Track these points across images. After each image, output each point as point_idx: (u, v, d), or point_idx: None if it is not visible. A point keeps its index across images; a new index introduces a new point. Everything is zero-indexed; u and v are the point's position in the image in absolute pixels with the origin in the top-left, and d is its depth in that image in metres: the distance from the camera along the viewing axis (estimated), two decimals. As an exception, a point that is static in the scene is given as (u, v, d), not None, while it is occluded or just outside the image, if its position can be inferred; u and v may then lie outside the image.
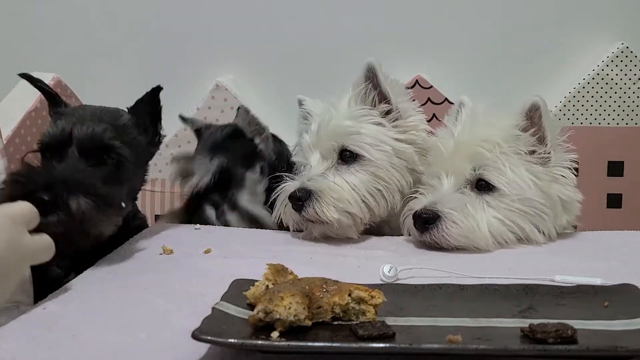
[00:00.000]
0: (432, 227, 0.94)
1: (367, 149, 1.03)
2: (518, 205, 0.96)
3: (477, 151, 0.98)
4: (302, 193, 0.99)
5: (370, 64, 1.05)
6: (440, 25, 1.72)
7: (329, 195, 0.99)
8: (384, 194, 1.03)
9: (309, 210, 0.99)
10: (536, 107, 0.98)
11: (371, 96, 1.06)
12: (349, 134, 1.03)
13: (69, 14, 1.77)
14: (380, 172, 1.03)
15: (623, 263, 0.86)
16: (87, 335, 0.61)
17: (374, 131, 1.04)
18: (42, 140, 0.92)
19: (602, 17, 1.70)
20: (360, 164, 1.03)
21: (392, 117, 1.06)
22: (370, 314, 0.59)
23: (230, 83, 1.70)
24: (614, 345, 0.52)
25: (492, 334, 0.57)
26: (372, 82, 1.06)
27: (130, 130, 0.98)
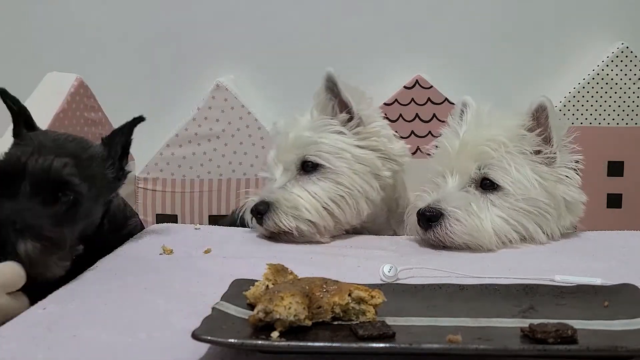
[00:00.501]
0: (436, 225, 0.94)
1: (327, 157, 1.04)
2: (522, 205, 0.96)
3: (482, 150, 0.98)
4: (262, 206, 1.01)
5: (329, 74, 1.07)
6: (441, 26, 1.72)
7: (284, 205, 1.00)
8: (347, 201, 1.04)
9: (269, 222, 1.01)
10: (543, 108, 0.98)
11: (329, 106, 1.08)
12: (309, 144, 1.05)
13: (69, 14, 1.77)
14: (342, 179, 1.04)
15: (623, 263, 0.86)
16: (87, 335, 0.61)
17: (334, 140, 1.05)
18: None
19: (602, 17, 1.70)
20: (321, 172, 1.04)
21: (353, 125, 1.07)
22: (370, 314, 0.59)
23: (230, 83, 1.70)
24: (614, 345, 0.52)
25: (492, 334, 0.57)
26: (332, 92, 1.08)
27: (97, 164, 0.91)
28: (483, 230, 0.94)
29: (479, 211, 0.95)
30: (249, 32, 1.75)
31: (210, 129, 1.68)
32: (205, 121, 1.68)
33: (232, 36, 1.75)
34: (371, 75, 1.72)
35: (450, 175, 1.01)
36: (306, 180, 1.04)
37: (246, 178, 1.73)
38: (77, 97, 1.38)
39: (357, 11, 1.73)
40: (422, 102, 1.68)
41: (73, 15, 1.77)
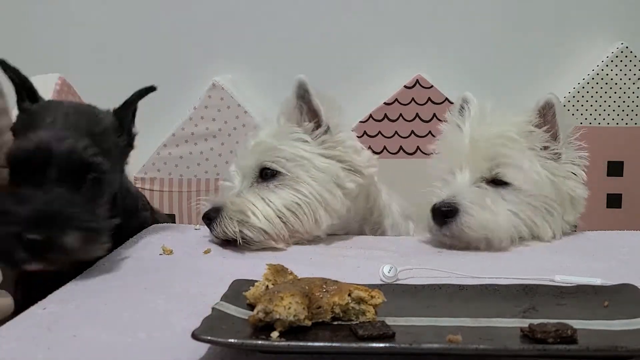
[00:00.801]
0: (452, 220, 0.94)
1: (284, 164, 1.01)
2: (531, 200, 0.97)
3: (494, 147, 0.98)
4: (211, 212, 0.98)
5: (301, 81, 1.05)
6: (441, 26, 1.73)
7: (230, 210, 0.97)
8: (304, 209, 1.00)
9: (218, 228, 0.97)
10: (550, 105, 0.99)
11: (299, 112, 1.05)
12: (268, 151, 1.02)
13: (66, 14, 1.77)
14: (300, 187, 1.01)
15: (623, 263, 0.86)
16: (87, 335, 0.61)
17: (294, 147, 1.03)
18: (15, 155, 0.81)
19: (602, 17, 1.70)
20: (279, 180, 1.01)
21: (319, 133, 1.05)
22: (370, 314, 0.59)
23: (227, 82, 1.71)
24: (613, 345, 0.52)
25: (492, 334, 0.57)
26: (302, 99, 1.06)
27: (111, 135, 0.90)
28: (499, 225, 0.94)
29: (494, 206, 0.95)
30: (246, 32, 1.75)
31: (206, 128, 1.69)
32: (201, 120, 1.69)
33: (228, 35, 1.75)
34: (371, 75, 1.73)
35: (460, 171, 1.00)
36: (263, 188, 1.01)
37: (245, 177, 1.73)
38: (62, 95, 1.39)
39: (357, 11, 1.73)
40: (423, 102, 1.68)
41: (72, 16, 1.77)
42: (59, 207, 0.77)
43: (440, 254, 0.94)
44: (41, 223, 0.75)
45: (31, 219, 0.75)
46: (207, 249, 0.94)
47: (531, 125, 0.99)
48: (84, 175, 0.82)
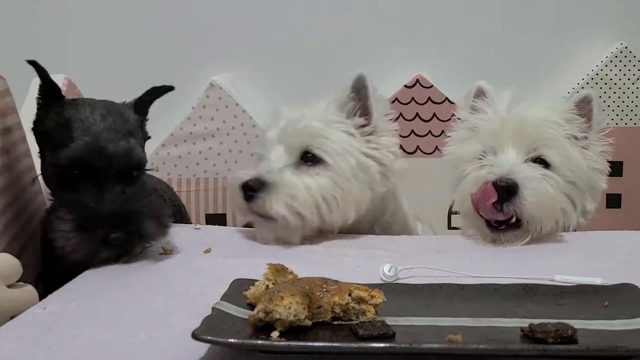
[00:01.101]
0: (514, 196, 0.94)
1: (332, 155, 1.00)
2: (566, 186, 0.99)
3: (539, 128, 1.00)
4: (254, 183, 0.95)
5: (361, 76, 1.04)
6: (441, 26, 1.73)
7: (283, 191, 0.95)
8: (338, 204, 1.00)
9: (259, 201, 0.95)
10: (589, 100, 1.03)
11: (350, 106, 1.04)
12: (316, 136, 1.01)
13: (65, 14, 1.77)
14: (340, 181, 1.00)
15: (623, 263, 0.86)
16: (87, 335, 0.61)
17: (344, 140, 1.02)
18: (72, 156, 0.84)
19: (602, 17, 1.70)
20: (322, 168, 1.00)
21: (366, 132, 1.04)
22: (370, 314, 0.59)
23: (225, 82, 1.71)
24: (614, 345, 0.52)
25: (492, 334, 0.57)
26: (358, 94, 1.04)
27: (138, 130, 0.94)
28: (555, 201, 0.96)
29: (549, 180, 0.97)
30: (244, 31, 1.75)
31: (205, 128, 1.69)
32: (200, 120, 1.69)
33: (227, 35, 1.75)
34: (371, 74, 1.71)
35: (503, 151, 1.01)
36: (304, 171, 0.99)
37: (243, 177, 1.73)
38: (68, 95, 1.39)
39: (357, 11, 1.73)
40: (423, 102, 1.68)
41: (71, 16, 1.77)
42: (130, 204, 0.85)
43: (441, 253, 0.94)
44: (120, 221, 0.83)
45: (111, 219, 0.83)
46: (207, 248, 0.94)
47: (570, 113, 1.02)
48: (134, 172, 0.89)
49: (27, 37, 1.78)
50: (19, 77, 1.41)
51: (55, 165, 0.86)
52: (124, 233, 0.83)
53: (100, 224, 0.82)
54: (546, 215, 0.96)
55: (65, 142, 0.85)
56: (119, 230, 0.83)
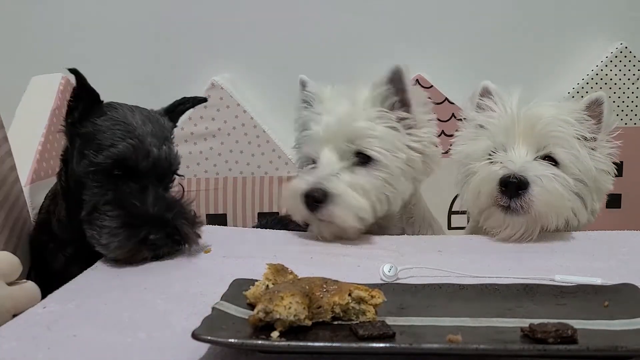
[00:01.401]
0: (524, 192, 0.95)
1: (384, 154, 1.00)
2: (575, 184, 1.00)
3: (549, 126, 1.00)
4: (319, 194, 0.96)
5: (398, 68, 1.03)
6: (441, 25, 1.73)
7: (347, 201, 0.96)
8: (390, 200, 1.02)
9: (325, 212, 0.96)
10: (600, 102, 1.04)
11: (391, 100, 1.04)
12: (367, 137, 1.00)
13: (65, 14, 1.77)
14: (391, 179, 1.01)
15: (623, 263, 0.86)
16: (87, 335, 0.61)
17: (391, 136, 1.01)
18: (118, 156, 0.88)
19: (602, 17, 1.70)
20: (374, 167, 1.00)
21: (407, 125, 1.04)
22: (370, 314, 0.59)
23: (226, 82, 1.70)
24: (614, 345, 0.52)
25: (492, 334, 0.57)
26: (396, 87, 1.04)
27: (172, 139, 0.99)
28: (564, 199, 0.96)
29: (559, 179, 0.97)
30: (246, 31, 1.75)
31: (206, 128, 1.69)
32: (201, 120, 1.69)
33: (227, 35, 1.75)
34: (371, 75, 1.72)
35: (513, 148, 1.01)
36: (359, 173, 0.99)
37: (243, 176, 1.73)
38: (66, 94, 1.39)
39: (356, 11, 1.73)
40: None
41: (70, 15, 1.77)
42: (171, 207, 0.90)
43: (441, 253, 0.94)
44: (162, 223, 0.87)
45: (154, 220, 0.87)
46: (207, 248, 0.94)
47: (581, 113, 1.03)
48: (172, 175, 0.96)
49: (26, 37, 1.78)
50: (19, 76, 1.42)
51: (99, 164, 0.89)
52: (163, 235, 0.87)
53: (145, 224, 0.86)
54: (554, 212, 0.97)
55: (110, 143, 0.89)
56: (160, 231, 0.87)
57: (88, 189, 0.90)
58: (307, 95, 1.11)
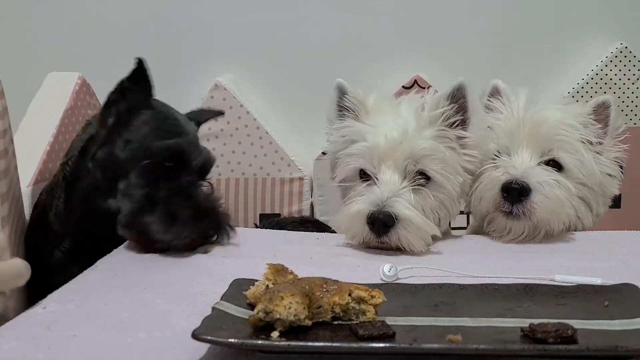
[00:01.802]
0: (525, 199, 0.95)
1: (446, 176, 0.97)
2: (580, 189, 1.00)
3: (554, 130, 1.00)
4: (387, 219, 0.90)
5: (462, 84, 0.99)
6: (440, 26, 1.73)
7: (414, 225, 0.91)
8: (440, 223, 0.99)
9: (393, 236, 0.91)
10: (607, 105, 1.04)
11: (453, 119, 0.99)
12: (431, 157, 0.96)
13: (68, 14, 1.77)
14: (447, 202, 0.99)
15: (623, 263, 0.86)
16: (87, 335, 0.61)
17: (451, 158, 0.98)
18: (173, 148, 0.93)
19: (602, 17, 1.70)
20: (433, 189, 0.97)
21: (463, 144, 1.01)
22: (370, 314, 0.59)
23: (229, 83, 1.70)
24: (614, 345, 0.52)
25: (492, 334, 0.57)
26: (458, 104, 1.00)
27: None
28: (565, 206, 0.96)
29: (561, 186, 0.97)
30: (248, 32, 1.75)
31: (209, 129, 1.69)
32: (204, 121, 1.69)
33: (231, 35, 1.75)
34: (370, 75, 1.73)
35: (518, 151, 1.01)
36: (421, 194, 0.96)
37: (245, 177, 1.73)
38: (81, 94, 1.39)
39: (356, 11, 1.73)
40: (422, 102, 1.68)
41: (72, 15, 1.77)
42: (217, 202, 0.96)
43: (441, 253, 0.94)
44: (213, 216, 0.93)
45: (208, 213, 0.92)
46: (207, 248, 0.94)
47: (587, 117, 1.02)
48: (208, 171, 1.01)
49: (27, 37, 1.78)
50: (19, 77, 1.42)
51: (154, 154, 0.92)
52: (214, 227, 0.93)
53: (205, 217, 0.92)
54: (556, 219, 0.96)
55: (163, 136, 0.93)
56: (212, 224, 0.93)
57: (131, 177, 0.92)
58: (349, 102, 1.05)
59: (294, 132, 1.80)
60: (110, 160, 0.94)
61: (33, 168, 1.17)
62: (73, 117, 1.34)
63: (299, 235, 1.06)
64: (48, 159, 1.21)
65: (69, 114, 1.33)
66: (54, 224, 1.00)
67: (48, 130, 1.26)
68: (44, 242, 1.01)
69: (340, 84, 1.07)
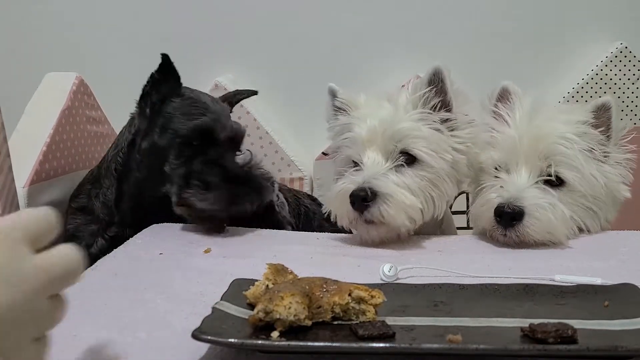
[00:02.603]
0: (518, 223, 0.94)
1: (430, 154, 0.98)
2: (584, 201, 0.99)
3: (552, 145, 0.98)
4: (367, 194, 0.93)
5: (438, 69, 1.01)
6: (440, 26, 1.73)
7: (397, 199, 0.93)
8: (435, 202, 1.00)
9: (374, 211, 0.93)
10: (607, 107, 1.01)
11: (432, 102, 1.02)
12: (412, 137, 0.98)
13: (68, 14, 1.77)
14: (437, 181, 0.99)
15: (623, 263, 0.86)
16: (87, 335, 0.61)
17: (436, 137, 1.00)
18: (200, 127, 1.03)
19: (602, 17, 1.70)
20: (419, 168, 0.98)
21: (450, 126, 1.02)
22: (370, 314, 0.59)
23: (229, 83, 1.70)
24: (614, 345, 0.52)
25: (492, 334, 0.57)
26: (436, 88, 1.02)
27: None
28: (559, 228, 0.95)
29: (554, 208, 0.95)
30: (248, 32, 1.75)
31: (209, 129, 1.68)
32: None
33: (230, 35, 1.75)
34: (370, 75, 1.73)
35: (516, 168, 1.00)
36: (406, 173, 0.97)
37: (245, 178, 1.73)
38: (78, 95, 1.39)
39: (356, 11, 1.73)
40: (422, 102, 1.68)
41: (72, 16, 1.77)
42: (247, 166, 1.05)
43: (441, 253, 0.94)
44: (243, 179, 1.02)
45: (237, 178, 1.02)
46: (207, 248, 0.94)
47: (586, 126, 1.00)
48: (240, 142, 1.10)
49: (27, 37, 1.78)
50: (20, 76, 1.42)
51: (182, 135, 1.02)
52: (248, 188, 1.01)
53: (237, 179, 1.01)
54: (550, 239, 0.95)
55: (191, 118, 1.03)
56: (244, 186, 1.01)
57: (171, 161, 1.03)
58: (340, 103, 1.09)
59: (294, 132, 1.80)
60: (153, 149, 1.04)
61: (29, 168, 1.17)
62: (70, 117, 1.34)
63: (299, 235, 1.06)
64: (45, 159, 1.21)
65: (66, 114, 1.33)
66: (100, 212, 1.09)
67: (45, 130, 1.26)
68: (87, 230, 1.09)
69: (331, 88, 1.12)
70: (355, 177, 0.97)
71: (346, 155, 1.05)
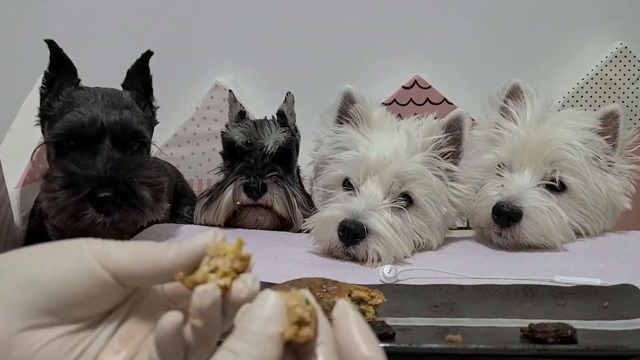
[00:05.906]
0: (514, 224, 0.93)
1: (430, 204, 0.94)
2: (584, 209, 0.99)
3: (558, 151, 0.98)
4: (358, 230, 0.87)
5: (460, 116, 0.97)
6: (440, 26, 1.73)
7: (392, 242, 0.88)
8: (420, 245, 0.96)
9: (361, 249, 0.88)
10: (615, 115, 1.00)
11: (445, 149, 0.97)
12: (418, 182, 0.94)
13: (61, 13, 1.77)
14: (427, 229, 0.96)
15: (623, 263, 0.86)
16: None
17: (438, 186, 0.95)
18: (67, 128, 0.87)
19: (602, 17, 1.70)
20: (414, 214, 0.94)
21: (452, 177, 0.99)
22: (370, 314, 0.59)
23: (229, 83, 1.70)
24: (614, 345, 0.52)
25: (492, 334, 0.57)
26: (453, 135, 0.98)
27: (138, 108, 0.95)
28: (555, 232, 0.94)
29: (553, 212, 0.95)
30: (248, 32, 1.75)
31: (209, 129, 1.68)
32: (203, 121, 1.68)
33: (231, 35, 1.75)
34: (370, 75, 1.73)
35: (519, 170, 0.99)
36: (401, 215, 0.92)
37: (245, 178, 1.73)
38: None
39: (356, 11, 1.73)
40: (421, 102, 1.68)
41: (68, 15, 1.77)
42: (121, 167, 0.83)
43: (441, 254, 0.94)
44: (109, 181, 0.81)
45: (99, 179, 0.81)
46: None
47: (593, 133, 0.99)
48: (130, 142, 0.90)
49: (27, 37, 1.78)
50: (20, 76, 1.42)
51: (54, 136, 0.88)
52: (113, 193, 0.80)
53: (88, 183, 0.81)
54: (545, 242, 0.94)
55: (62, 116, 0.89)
56: (108, 189, 0.80)
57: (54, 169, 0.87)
58: (354, 110, 1.03)
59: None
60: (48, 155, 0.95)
61: (22, 169, 1.16)
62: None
63: (299, 236, 1.06)
64: (38, 160, 1.21)
65: None
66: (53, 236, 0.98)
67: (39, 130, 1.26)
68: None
69: (348, 91, 1.05)
70: (348, 204, 0.91)
71: (342, 174, 0.99)
